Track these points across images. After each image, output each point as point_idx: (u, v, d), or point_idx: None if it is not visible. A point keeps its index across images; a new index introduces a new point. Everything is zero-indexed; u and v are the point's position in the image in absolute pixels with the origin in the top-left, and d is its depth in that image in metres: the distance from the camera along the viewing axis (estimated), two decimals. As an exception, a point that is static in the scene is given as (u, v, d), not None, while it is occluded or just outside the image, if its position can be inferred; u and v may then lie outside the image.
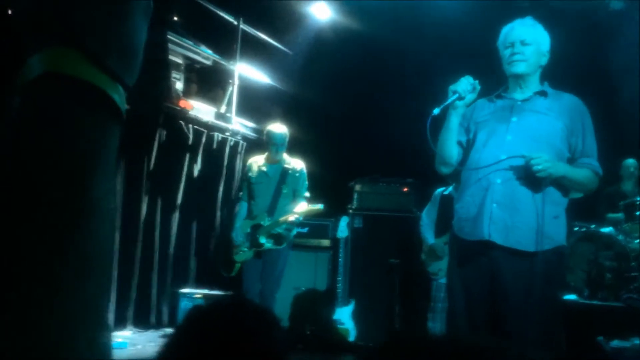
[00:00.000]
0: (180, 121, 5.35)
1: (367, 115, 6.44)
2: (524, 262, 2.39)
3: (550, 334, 2.42)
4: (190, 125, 5.47)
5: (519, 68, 2.58)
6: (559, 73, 2.75)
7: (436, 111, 2.46)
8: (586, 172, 2.52)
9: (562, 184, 2.49)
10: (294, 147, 4.84)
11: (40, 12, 0.52)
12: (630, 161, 5.67)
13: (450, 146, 2.63)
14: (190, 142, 5.49)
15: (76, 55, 0.52)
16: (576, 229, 5.11)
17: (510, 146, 2.49)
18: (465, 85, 2.54)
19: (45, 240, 0.48)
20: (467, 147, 2.67)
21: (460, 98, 2.53)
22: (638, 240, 4.95)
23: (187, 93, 5.55)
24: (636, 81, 5.29)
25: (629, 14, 5.75)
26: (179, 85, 5.43)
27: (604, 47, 5.71)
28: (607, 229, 5.11)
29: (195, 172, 5.66)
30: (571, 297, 4.68)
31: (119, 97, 0.54)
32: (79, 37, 0.52)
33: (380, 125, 6.23)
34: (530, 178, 2.43)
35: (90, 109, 0.51)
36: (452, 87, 2.55)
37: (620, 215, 5.21)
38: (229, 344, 0.90)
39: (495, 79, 2.72)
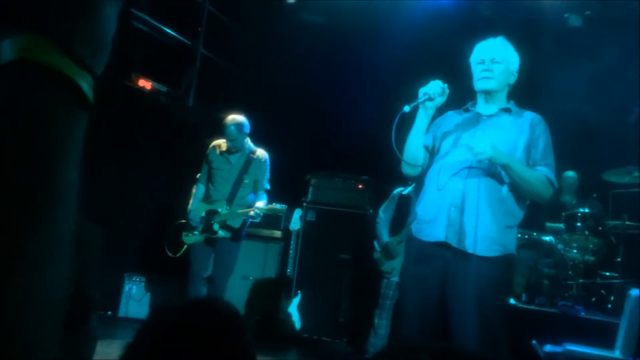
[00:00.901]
0: (137, 100, 5.22)
1: (330, 109, 6.45)
2: (476, 266, 2.49)
3: (496, 337, 2.52)
4: (148, 105, 5.35)
5: (488, 85, 2.68)
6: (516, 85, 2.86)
7: (406, 109, 2.53)
8: (537, 174, 2.60)
9: (515, 185, 2.57)
10: (254, 134, 4.79)
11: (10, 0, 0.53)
12: (570, 173, 5.94)
13: (417, 147, 2.72)
14: (146, 122, 5.37)
15: (46, 43, 0.51)
16: (519, 235, 5.30)
17: (473, 156, 2.58)
18: (435, 88, 2.63)
19: (4, 230, 0.46)
20: (432, 153, 2.77)
21: (430, 99, 2.61)
22: (576, 250, 5.20)
23: (146, 72, 5.41)
24: (583, 96, 5.53)
25: (587, 32, 6.00)
26: (138, 64, 5.29)
27: (559, 63, 5.94)
28: (548, 238, 5.33)
29: (150, 153, 5.54)
30: (510, 301, 4.87)
31: (88, 86, 0.54)
32: (49, 25, 0.52)
33: (343, 121, 6.25)
34: (490, 187, 2.54)
35: (60, 97, 0.51)
36: (422, 89, 2.63)
37: (560, 225, 5.44)
38: (197, 347, 0.90)
39: (458, 85, 2.80)
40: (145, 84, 5.18)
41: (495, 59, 2.66)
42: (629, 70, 5.31)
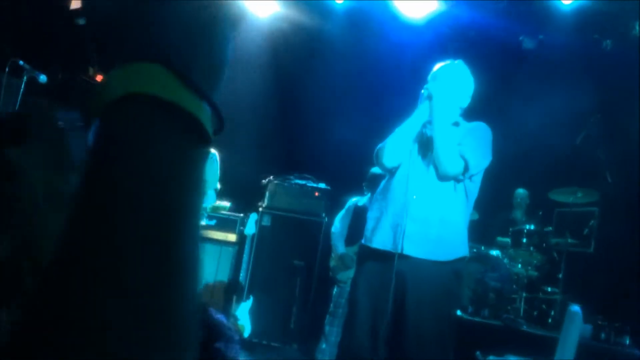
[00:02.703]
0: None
1: (291, 113, 6.48)
2: (430, 271, 2.58)
3: (444, 347, 2.61)
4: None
5: None
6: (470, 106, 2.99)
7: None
8: (453, 148, 2.70)
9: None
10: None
11: (122, 24, 0.47)
12: (521, 191, 6.15)
13: (408, 140, 2.78)
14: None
15: (161, 72, 0.45)
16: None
17: (425, 167, 2.70)
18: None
19: (123, 310, 0.39)
20: None
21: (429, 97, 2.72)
22: (521, 265, 5.39)
23: (106, 68, 5.29)
24: (536, 117, 5.75)
25: (539, 54, 6.24)
26: (96, 58, 5.17)
27: (513, 83, 6.16)
28: (495, 252, 5.50)
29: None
30: (457, 312, 5.00)
31: (207, 118, 0.47)
32: (164, 51, 0.45)
33: (303, 125, 6.29)
34: (441, 194, 2.66)
35: (181, 136, 0.45)
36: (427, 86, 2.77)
37: (507, 240, 5.63)
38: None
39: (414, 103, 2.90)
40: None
41: (451, 82, 2.79)
42: (579, 93, 5.56)
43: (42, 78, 4.24)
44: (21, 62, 4.18)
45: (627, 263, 5.04)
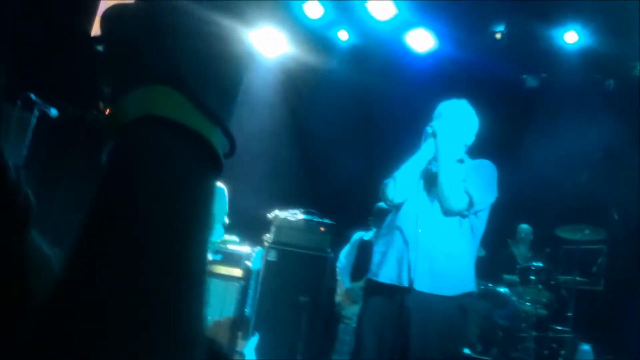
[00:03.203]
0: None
1: (297, 149, 6.53)
2: (435, 306, 2.56)
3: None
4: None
5: None
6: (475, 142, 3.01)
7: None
8: (458, 184, 2.71)
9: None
10: None
11: (138, 49, 0.48)
12: (524, 226, 6.13)
13: (414, 176, 2.80)
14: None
15: (174, 95, 0.46)
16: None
17: (430, 202, 2.71)
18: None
19: (136, 321, 0.40)
20: None
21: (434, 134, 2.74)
22: (529, 303, 5.32)
23: (116, 100, 5.36)
24: (542, 154, 5.78)
25: (542, 93, 6.32)
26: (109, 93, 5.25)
27: (517, 121, 6.22)
28: (503, 289, 5.44)
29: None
30: (465, 350, 4.92)
31: (217, 140, 0.48)
32: (178, 75, 0.46)
33: (309, 161, 6.33)
34: (447, 229, 2.66)
35: (192, 160, 0.46)
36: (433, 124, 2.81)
37: (515, 277, 5.58)
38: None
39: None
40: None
41: (456, 120, 2.83)
42: (583, 130, 5.60)
43: (53, 112, 4.31)
44: (32, 96, 4.27)
45: (637, 301, 4.97)
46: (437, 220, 2.70)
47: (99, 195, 0.45)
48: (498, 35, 6.00)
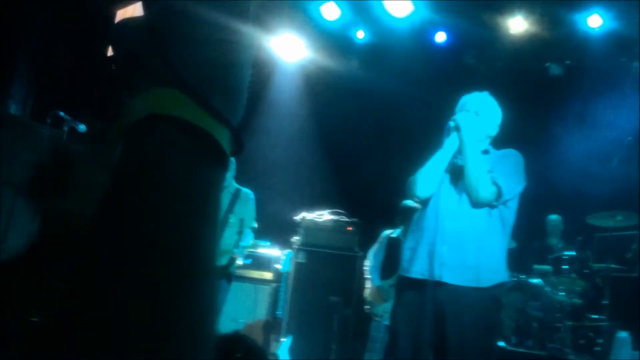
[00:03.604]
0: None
1: (322, 150, 6.56)
2: (468, 298, 2.56)
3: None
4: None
5: None
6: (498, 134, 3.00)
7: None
8: (485, 174, 2.69)
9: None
10: (244, 171, 4.73)
11: (143, 52, 0.50)
12: (553, 217, 6.06)
13: (440, 170, 2.80)
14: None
15: (180, 95, 0.48)
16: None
17: (457, 195, 2.72)
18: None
19: (147, 315, 0.41)
20: None
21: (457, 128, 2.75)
22: (563, 293, 5.25)
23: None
24: (569, 143, 5.70)
25: (567, 80, 6.23)
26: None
27: (542, 110, 6.14)
28: (536, 280, 5.38)
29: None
30: (500, 343, 4.88)
31: (226, 140, 0.50)
32: (182, 76, 0.48)
33: (334, 162, 6.36)
34: (476, 221, 2.67)
35: (198, 155, 0.48)
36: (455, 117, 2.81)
37: (547, 267, 5.51)
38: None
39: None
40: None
41: (478, 112, 2.82)
42: (611, 115, 5.50)
43: (82, 127, 4.44)
44: (61, 113, 4.40)
45: (674, 286, 4.87)
46: (465, 212, 2.70)
47: (111, 188, 0.48)
48: (519, 24, 5.93)
